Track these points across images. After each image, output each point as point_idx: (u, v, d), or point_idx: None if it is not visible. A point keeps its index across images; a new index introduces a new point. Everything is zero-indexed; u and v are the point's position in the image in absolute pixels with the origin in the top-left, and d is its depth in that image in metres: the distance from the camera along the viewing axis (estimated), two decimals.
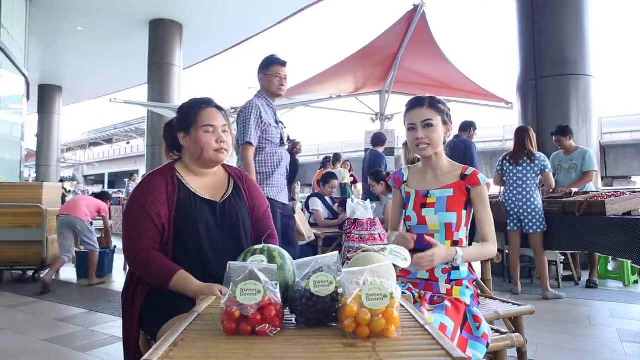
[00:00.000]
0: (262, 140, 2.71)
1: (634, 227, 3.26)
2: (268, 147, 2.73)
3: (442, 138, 1.64)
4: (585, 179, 4.52)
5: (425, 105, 1.63)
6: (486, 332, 1.43)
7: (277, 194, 2.75)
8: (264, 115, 2.69)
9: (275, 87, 2.78)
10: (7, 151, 8.07)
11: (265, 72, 2.80)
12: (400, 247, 1.37)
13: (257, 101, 2.73)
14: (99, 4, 10.19)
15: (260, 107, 2.70)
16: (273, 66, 2.78)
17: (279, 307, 0.92)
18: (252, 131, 2.65)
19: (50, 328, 3.20)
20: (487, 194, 1.63)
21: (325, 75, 7.21)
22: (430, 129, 1.61)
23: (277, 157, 2.76)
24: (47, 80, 16.42)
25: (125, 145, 40.83)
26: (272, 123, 2.74)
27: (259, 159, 2.73)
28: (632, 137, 19.86)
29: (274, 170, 2.74)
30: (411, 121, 1.64)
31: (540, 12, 5.59)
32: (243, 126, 2.67)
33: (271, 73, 2.78)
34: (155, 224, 1.44)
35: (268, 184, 2.71)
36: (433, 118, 1.61)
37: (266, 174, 2.72)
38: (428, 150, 1.62)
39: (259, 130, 2.69)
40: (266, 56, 2.85)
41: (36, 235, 4.85)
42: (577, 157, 4.56)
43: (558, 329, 3.05)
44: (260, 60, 2.87)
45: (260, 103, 2.73)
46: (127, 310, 1.48)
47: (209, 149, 1.51)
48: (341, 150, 10.12)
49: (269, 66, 2.79)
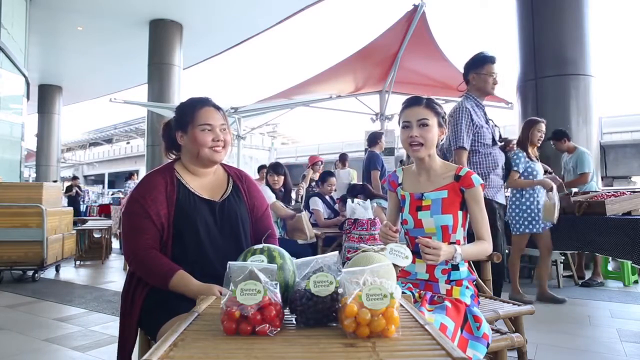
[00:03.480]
0: (474, 143, 2.65)
1: (634, 227, 3.26)
2: (481, 149, 2.67)
3: (436, 140, 1.63)
4: (579, 181, 4.54)
5: (423, 105, 1.62)
6: (486, 332, 1.43)
7: (495, 194, 2.71)
8: (474, 117, 2.63)
9: (490, 87, 2.69)
10: (7, 151, 8.06)
11: (478, 71, 2.69)
12: (400, 246, 1.37)
13: (466, 104, 2.66)
14: (99, 4, 10.19)
15: (470, 109, 2.64)
16: (487, 65, 2.68)
17: (279, 307, 0.92)
18: (464, 135, 2.60)
19: (50, 328, 3.20)
20: (482, 194, 1.61)
21: (325, 75, 7.20)
22: (425, 128, 1.59)
23: (491, 158, 2.70)
24: (47, 80, 16.42)
25: (125, 145, 40.82)
26: (483, 124, 2.67)
27: (474, 161, 2.68)
28: (632, 137, 19.87)
29: (489, 172, 2.68)
30: (406, 119, 1.62)
31: (540, 12, 5.60)
32: (454, 131, 2.62)
33: (486, 72, 2.67)
34: (155, 224, 1.44)
35: (485, 186, 2.66)
36: (429, 118, 1.60)
37: (482, 176, 2.59)
38: (421, 151, 1.61)
39: (471, 134, 2.63)
40: (476, 54, 2.75)
41: (36, 235, 4.84)
42: (573, 158, 4.61)
43: (558, 329, 3.05)
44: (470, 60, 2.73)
45: (470, 105, 2.67)
46: (126, 310, 1.48)
47: (205, 147, 1.51)
48: (341, 150, 10.13)
49: (484, 65, 2.68)
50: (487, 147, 2.68)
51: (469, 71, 2.74)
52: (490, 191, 2.68)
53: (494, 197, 2.70)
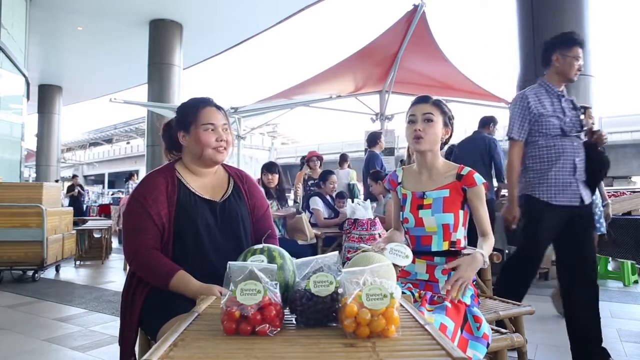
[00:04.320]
0: (534, 134, 2.35)
1: (634, 227, 3.27)
2: (541, 140, 2.34)
3: (439, 137, 1.65)
4: None
5: (430, 102, 1.65)
6: (486, 332, 1.43)
7: (555, 194, 2.30)
8: (533, 104, 2.34)
9: (574, 72, 2.36)
10: (7, 151, 8.07)
11: (565, 52, 2.34)
12: (400, 245, 1.37)
13: (528, 90, 2.40)
14: (99, 4, 10.20)
15: (530, 97, 2.36)
16: (575, 47, 2.35)
17: (279, 307, 0.92)
18: (515, 125, 2.37)
19: (50, 328, 3.20)
20: (484, 192, 1.63)
21: (325, 75, 7.19)
22: (429, 123, 1.62)
23: (554, 151, 2.32)
24: (47, 80, 16.44)
25: (125, 145, 40.85)
26: (547, 112, 2.33)
27: (530, 154, 2.38)
28: (632, 137, 19.90)
29: (550, 167, 2.32)
30: (412, 113, 1.65)
31: (540, 12, 5.60)
32: (509, 120, 2.40)
33: (573, 55, 2.34)
34: (156, 224, 1.44)
35: (541, 183, 2.32)
36: (435, 114, 1.63)
37: (540, 171, 2.33)
38: (423, 144, 1.62)
39: (526, 123, 2.35)
40: (564, 33, 2.43)
41: (36, 235, 4.84)
42: None
43: (558, 329, 3.04)
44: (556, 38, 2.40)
45: (535, 92, 2.38)
46: (126, 310, 1.48)
47: (208, 147, 1.51)
48: (341, 150, 10.13)
49: (572, 46, 2.34)
50: (550, 138, 2.33)
51: (554, 50, 2.38)
52: (547, 191, 2.30)
53: (551, 199, 2.29)
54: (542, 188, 2.31)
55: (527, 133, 2.36)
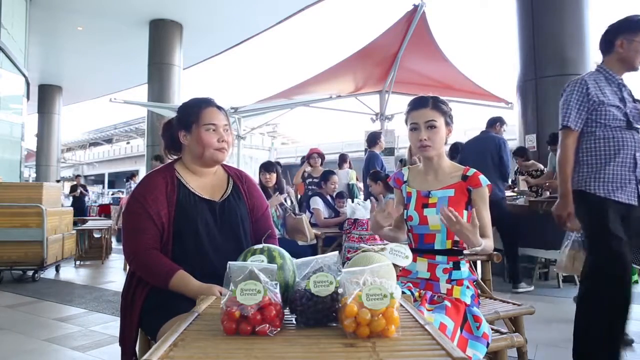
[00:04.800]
0: (591, 123, 2.15)
1: None
2: (599, 131, 2.13)
3: (444, 140, 1.66)
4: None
5: (429, 106, 1.63)
6: (486, 332, 1.43)
7: (613, 190, 2.09)
8: (593, 91, 2.13)
9: (639, 60, 2.17)
10: (7, 151, 8.07)
11: (631, 37, 2.14)
12: (400, 245, 1.37)
13: (587, 76, 2.20)
14: (99, 4, 10.20)
15: (588, 82, 2.16)
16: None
17: (279, 307, 0.92)
18: (572, 113, 2.15)
19: (50, 328, 3.20)
20: (488, 194, 1.63)
21: (325, 75, 7.20)
22: (433, 130, 1.61)
23: (613, 143, 2.12)
24: (47, 80, 16.45)
25: (125, 145, 40.83)
26: (608, 101, 2.13)
27: (586, 146, 2.17)
28: None
29: (608, 160, 2.10)
30: (414, 121, 1.64)
31: (540, 12, 5.60)
32: (562, 107, 2.20)
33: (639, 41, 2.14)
34: (155, 224, 1.44)
35: (597, 178, 2.11)
36: (437, 119, 1.62)
37: (596, 166, 2.13)
38: (431, 152, 1.63)
39: (583, 112, 2.14)
40: (630, 16, 2.21)
41: (36, 235, 4.84)
42: None
43: (558, 329, 3.04)
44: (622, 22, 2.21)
45: (594, 78, 2.18)
46: (126, 310, 1.48)
47: (209, 147, 1.51)
48: (341, 150, 10.12)
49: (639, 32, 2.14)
50: (610, 129, 2.12)
51: (618, 35, 2.18)
52: (604, 186, 2.09)
53: (609, 194, 2.08)
54: (599, 183, 2.10)
55: (583, 123, 2.16)
